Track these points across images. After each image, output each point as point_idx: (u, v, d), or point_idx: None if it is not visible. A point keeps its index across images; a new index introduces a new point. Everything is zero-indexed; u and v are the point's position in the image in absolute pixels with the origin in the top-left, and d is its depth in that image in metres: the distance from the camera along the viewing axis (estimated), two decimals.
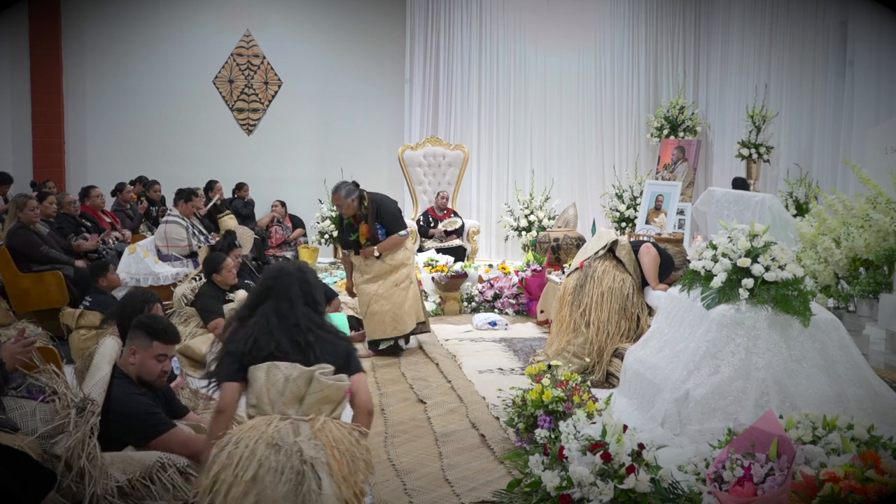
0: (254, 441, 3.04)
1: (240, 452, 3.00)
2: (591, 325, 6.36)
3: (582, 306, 6.44)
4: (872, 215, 6.71)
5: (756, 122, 11.69)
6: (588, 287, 6.48)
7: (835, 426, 3.61)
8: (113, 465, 3.44)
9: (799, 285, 4.99)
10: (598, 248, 6.61)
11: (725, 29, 13.26)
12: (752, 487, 3.25)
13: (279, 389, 3.20)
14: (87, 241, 8.89)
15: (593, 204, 13.92)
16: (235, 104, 14.06)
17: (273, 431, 3.08)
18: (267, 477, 2.97)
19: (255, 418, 3.18)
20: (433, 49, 13.99)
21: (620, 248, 6.58)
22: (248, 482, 2.95)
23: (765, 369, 4.75)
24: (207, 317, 6.89)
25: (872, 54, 9.91)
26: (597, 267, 6.56)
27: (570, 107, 14.30)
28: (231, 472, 2.97)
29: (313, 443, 3.09)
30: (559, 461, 3.94)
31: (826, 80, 11.06)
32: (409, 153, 12.98)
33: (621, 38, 14.22)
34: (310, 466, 3.02)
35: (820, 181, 10.86)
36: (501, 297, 9.29)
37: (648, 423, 4.91)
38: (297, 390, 3.20)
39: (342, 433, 3.20)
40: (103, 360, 3.68)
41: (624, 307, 6.41)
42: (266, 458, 3.00)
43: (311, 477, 3.00)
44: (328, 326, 3.47)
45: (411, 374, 6.59)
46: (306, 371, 3.22)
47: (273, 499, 2.95)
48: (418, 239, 11.91)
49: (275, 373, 3.21)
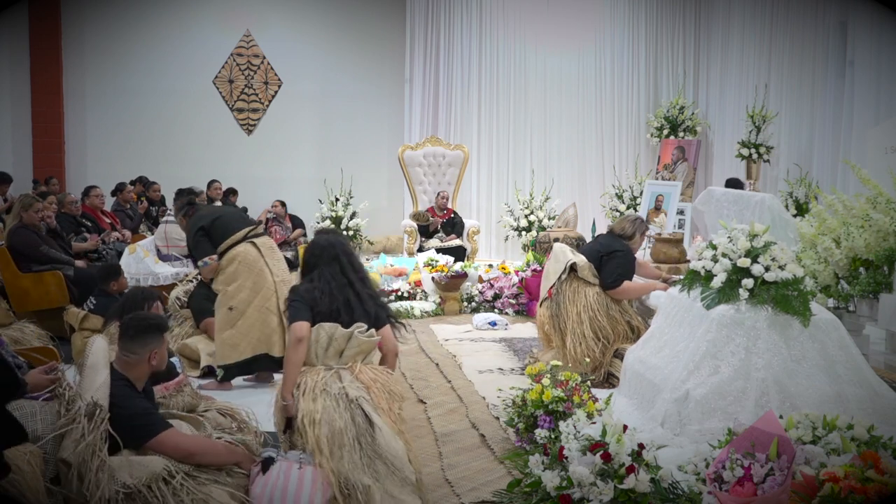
0: (310, 389, 3.83)
1: (306, 398, 3.81)
2: (580, 343, 6.29)
3: (564, 332, 6.35)
4: (872, 215, 6.72)
5: (756, 122, 11.69)
6: (563, 312, 6.41)
7: (835, 426, 3.62)
8: (121, 470, 3.44)
9: (799, 285, 5.00)
10: (560, 272, 6.52)
11: (725, 29, 13.26)
12: (752, 487, 3.26)
13: (323, 346, 3.96)
14: (87, 241, 8.90)
15: (593, 204, 13.93)
16: (235, 104, 14.06)
17: (321, 381, 3.85)
18: (328, 413, 3.76)
19: (305, 374, 3.91)
20: (433, 49, 14.00)
21: (582, 270, 6.47)
22: (319, 419, 3.75)
23: (765, 369, 4.75)
24: (199, 317, 6.89)
25: (872, 54, 9.91)
26: (565, 290, 6.49)
27: (570, 107, 14.31)
28: (306, 411, 3.77)
29: (355, 385, 3.89)
30: (559, 461, 3.94)
31: (826, 80, 11.07)
32: (409, 153, 12.98)
33: (621, 38, 14.23)
34: (356, 404, 3.80)
35: (820, 181, 10.87)
36: (501, 297, 9.29)
37: (648, 423, 4.92)
38: (338, 346, 3.96)
39: (376, 374, 4.00)
40: (100, 362, 3.67)
41: (607, 315, 6.37)
42: (323, 403, 3.79)
43: (359, 413, 3.78)
44: (369, 285, 4.22)
45: (411, 373, 6.60)
46: (346, 332, 3.96)
47: (338, 427, 3.73)
48: (418, 239, 11.92)
49: (320, 332, 3.95)
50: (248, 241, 6.38)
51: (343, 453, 3.73)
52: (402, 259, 11.29)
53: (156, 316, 4.09)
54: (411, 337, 7.83)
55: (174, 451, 3.62)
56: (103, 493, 3.32)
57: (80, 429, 3.38)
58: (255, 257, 6.31)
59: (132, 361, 3.82)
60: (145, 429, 3.62)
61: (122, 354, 3.84)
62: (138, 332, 3.86)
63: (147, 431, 3.62)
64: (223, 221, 6.47)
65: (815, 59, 11.29)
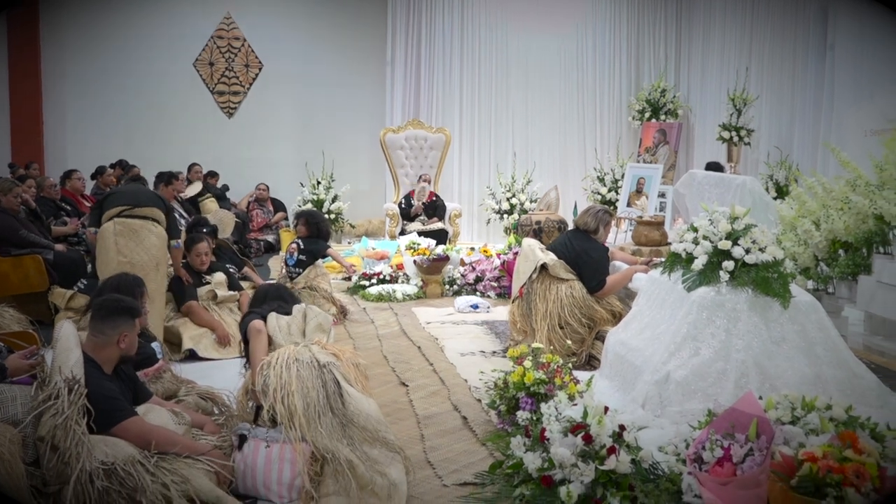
0: (283, 362, 3.99)
1: (279, 371, 3.94)
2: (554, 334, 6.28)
3: (537, 330, 6.30)
4: (852, 198, 6.75)
5: (737, 105, 11.74)
6: (535, 309, 6.39)
7: (813, 407, 3.64)
8: (97, 448, 3.42)
9: (779, 267, 5.02)
10: (530, 271, 6.50)
11: (707, 12, 13.29)
12: (732, 468, 3.28)
13: (284, 329, 4.35)
14: (67, 225, 8.84)
15: (575, 187, 13.96)
16: (216, 87, 13.97)
17: (293, 353, 4.07)
18: (301, 382, 3.91)
19: (275, 353, 4.11)
20: (415, 32, 13.96)
21: (553, 268, 6.46)
22: (294, 389, 3.88)
23: (745, 351, 4.78)
24: (180, 300, 6.93)
25: (852, 38, 9.95)
26: (536, 289, 6.47)
27: (551, 90, 14.32)
28: (279, 384, 3.89)
29: (325, 353, 4.17)
30: (541, 443, 3.95)
31: (806, 63, 11.11)
32: (390, 136, 12.95)
33: (603, 21, 14.23)
34: (327, 369, 4.02)
35: (800, 164, 10.93)
36: (483, 279, 9.29)
37: (629, 404, 4.94)
38: (298, 324, 4.39)
39: (342, 349, 4.37)
40: (71, 343, 3.64)
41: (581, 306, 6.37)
42: (297, 371, 3.95)
43: (330, 378, 3.99)
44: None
45: (393, 357, 6.60)
46: (300, 307, 4.50)
47: (312, 397, 3.88)
48: (400, 222, 11.91)
49: (280, 319, 4.41)
50: (117, 218, 6.48)
51: (319, 422, 3.85)
52: (384, 242, 11.29)
53: (130, 300, 4.05)
54: (394, 321, 7.84)
55: (137, 439, 3.58)
56: (84, 465, 3.30)
57: (59, 404, 3.36)
58: (107, 234, 6.43)
59: (100, 343, 3.80)
60: (109, 415, 3.58)
61: (91, 335, 3.83)
62: (109, 312, 3.85)
63: (111, 417, 3.58)
64: (114, 197, 6.70)
65: (795, 43, 11.33)
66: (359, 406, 4.00)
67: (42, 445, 3.33)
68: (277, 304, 4.61)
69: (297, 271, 8.15)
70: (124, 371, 4.00)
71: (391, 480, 3.79)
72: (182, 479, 3.46)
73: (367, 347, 6.93)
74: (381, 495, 3.75)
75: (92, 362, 3.71)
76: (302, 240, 8.37)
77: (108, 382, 3.74)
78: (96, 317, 3.86)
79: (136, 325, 3.92)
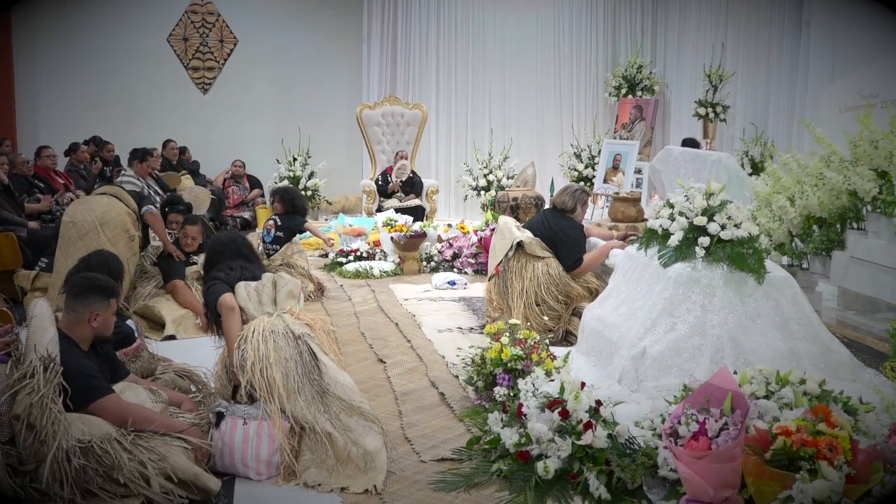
0: (259, 335, 4.01)
1: (255, 345, 3.97)
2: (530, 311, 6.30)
3: (513, 308, 6.32)
4: (826, 174, 6.80)
5: (713, 82, 11.77)
6: (511, 287, 6.41)
7: (787, 381, 3.68)
8: (73, 425, 3.41)
9: (754, 243, 5.06)
10: (506, 249, 6.50)
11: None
12: (707, 442, 3.31)
13: (255, 299, 4.24)
14: (41, 202, 8.75)
15: (552, 163, 13.96)
16: (190, 62, 13.82)
17: (268, 325, 4.08)
18: (279, 353, 3.96)
19: (250, 324, 4.10)
20: (391, 7, 13.87)
21: (529, 246, 6.46)
22: (272, 361, 3.93)
23: (720, 326, 4.81)
24: (168, 278, 6.91)
25: (828, 15, 9.98)
26: (513, 266, 6.49)
27: (528, 66, 14.29)
28: (258, 358, 3.93)
29: (298, 324, 4.17)
30: (518, 418, 3.98)
31: (782, 40, 11.13)
32: (367, 112, 12.89)
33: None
34: (303, 341, 4.06)
35: (775, 140, 10.98)
36: (460, 256, 9.29)
37: (606, 380, 4.96)
38: (269, 293, 4.30)
39: (314, 316, 4.38)
40: (46, 320, 3.62)
41: (557, 284, 6.39)
42: (273, 342, 3.99)
43: (306, 349, 4.04)
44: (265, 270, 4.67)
45: (371, 333, 6.60)
46: (269, 276, 4.38)
47: (290, 368, 3.94)
48: (377, 198, 11.88)
49: (244, 290, 4.25)
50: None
51: (298, 394, 3.92)
52: (361, 219, 11.27)
53: (106, 279, 4.02)
54: (371, 298, 7.83)
55: (113, 416, 3.57)
56: (60, 444, 3.29)
57: (34, 382, 3.34)
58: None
59: (73, 320, 3.78)
60: (86, 392, 3.56)
61: (65, 312, 3.81)
62: (83, 290, 3.82)
63: (87, 395, 3.57)
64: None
65: (771, 19, 11.35)
66: (335, 376, 4.04)
67: (18, 424, 3.31)
68: (240, 264, 4.48)
69: (275, 248, 8.13)
70: (102, 348, 3.98)
71: (368, 450, 3.83)
72: (159, 457, 3.46)
73: (345, 324, 6.92)
74: (359, 465, 3.80)
75: (68, 339, 3.69)
76: (279, 216, 8.35)
77: (85, 359, 3.72)
78: (70, 294, 3.84)
79: (110, 305, 3.89)
